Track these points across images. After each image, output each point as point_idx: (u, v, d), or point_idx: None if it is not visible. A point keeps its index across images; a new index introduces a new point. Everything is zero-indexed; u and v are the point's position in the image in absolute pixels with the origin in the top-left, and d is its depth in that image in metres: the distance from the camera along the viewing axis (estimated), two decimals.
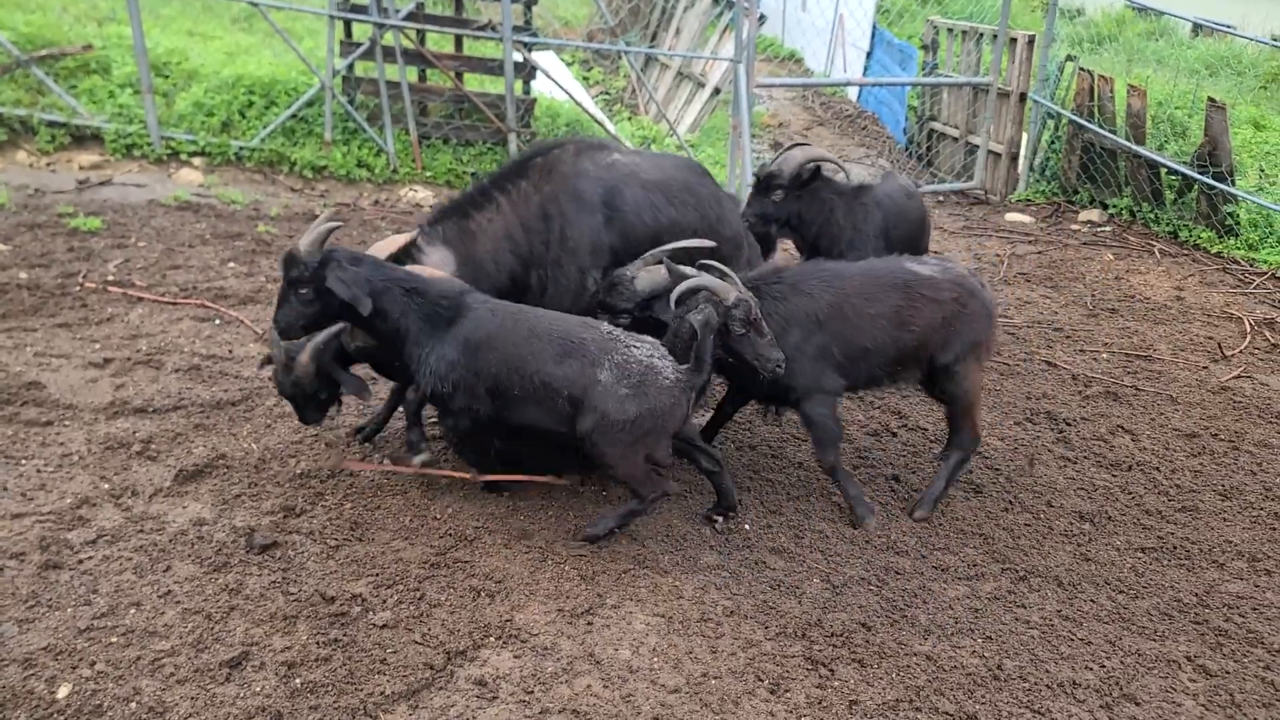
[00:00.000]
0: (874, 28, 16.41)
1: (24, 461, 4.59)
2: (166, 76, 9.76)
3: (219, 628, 3.74)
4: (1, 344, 5.58)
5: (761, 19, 10.69)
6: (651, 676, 3.78)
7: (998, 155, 11.63)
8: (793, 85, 15.61)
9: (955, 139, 12.43)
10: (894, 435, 5.99)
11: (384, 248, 4.63)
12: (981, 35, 11.79)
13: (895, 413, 6.26)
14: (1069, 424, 6.16)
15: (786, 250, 7.40)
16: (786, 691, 3.77)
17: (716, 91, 13.06)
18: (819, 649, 4.01)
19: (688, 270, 4.58)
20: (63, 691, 3.34)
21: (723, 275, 4.60)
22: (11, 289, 6.31)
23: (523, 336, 4.31)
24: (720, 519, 4.85)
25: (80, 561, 4.00)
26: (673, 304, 4.46)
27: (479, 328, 4.33)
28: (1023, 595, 4.48)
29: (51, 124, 8.91)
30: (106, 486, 4.51)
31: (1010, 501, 5.28)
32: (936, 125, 12.88)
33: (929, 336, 4.89)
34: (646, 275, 4.68)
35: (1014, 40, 11.17)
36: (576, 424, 4.26)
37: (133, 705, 3.34)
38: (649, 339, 4.42)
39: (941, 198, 11.74)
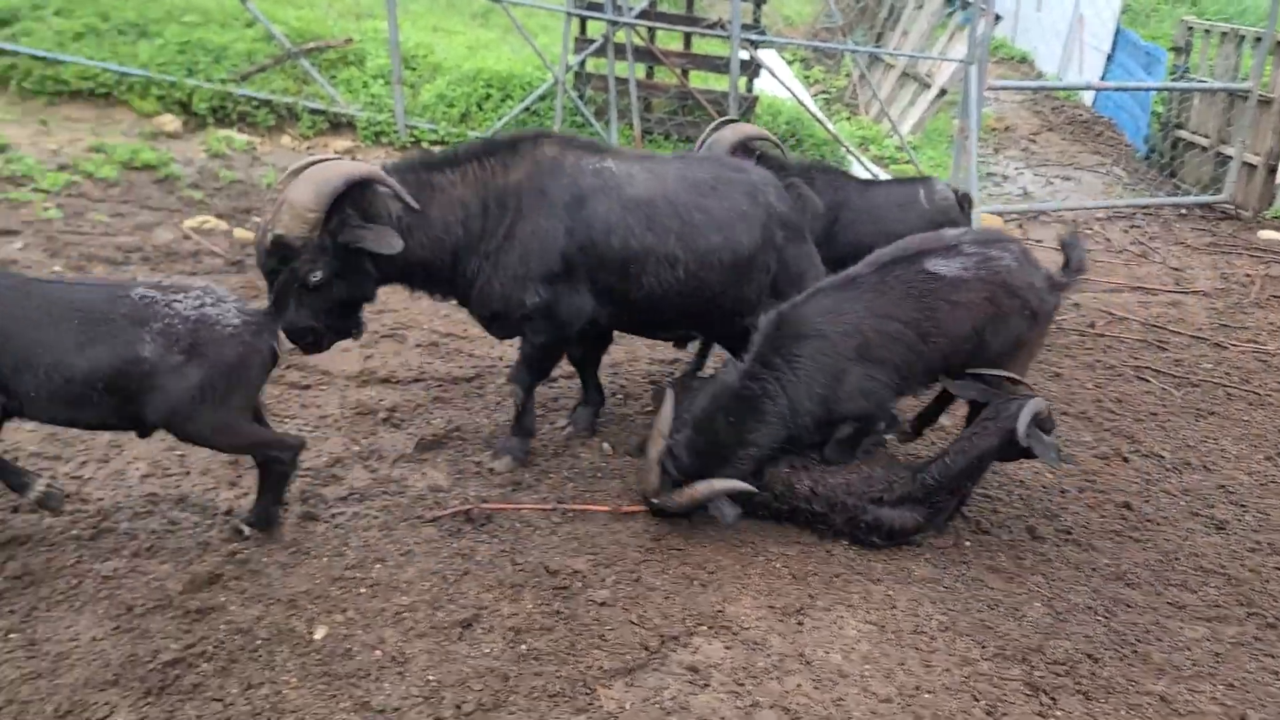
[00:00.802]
0: (1117, 28, 15.50)
1: (287, 420, 5.02)
2: (414, 69, 10.39)
3: (453, 589, 3.98)
4: None
5: (997, 19, 10.30)
6: (863, 683, 3.75)
7: (1253, 168, 10.76)
8: (1027, 88, 14.96)
9: (1204, 149, 11.59)
10: (1125, 460, 5.67)
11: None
12: (1243, 38, 10.94)
13: (1127, 437, 5.93)
14: None
15: None
16: (1004, 715, 3.66)
17: (942, 93, 12.70)
18: (1040, 676, 3.87)
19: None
20: (320, 633, 3.65)
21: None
22: None
23: (34, 320, 3.59)
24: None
25: (333, 515, 4.35)
26: None
27: None
28: (1271, 644, 4.17)
29: (313, 111, 9.66)
30: (356, 449, 4.87)
31: (1258, 543, 4.91)
32: (1184, 133, 12.05)
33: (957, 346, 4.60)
34: None
35: None
36: (142, 418, 3.74)
37: (377, 653, 3.61)
38: (198, 285, 3.93)
39: (1185, 210, 10.98)
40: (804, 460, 4.68)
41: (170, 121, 9.05)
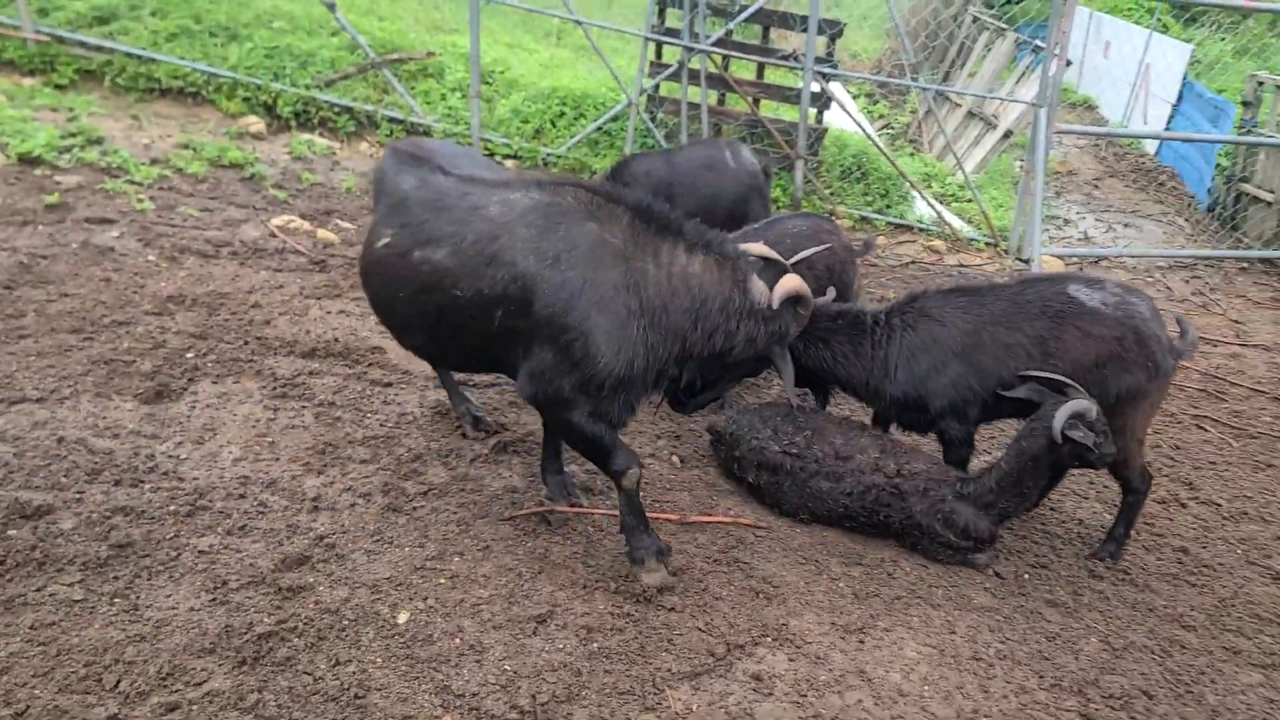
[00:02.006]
0: (1184, 79, 15.49)
1: (370, 415, 5.22)
2: (490, 84, 10.65)
3: (528, 585, 4.13)
4: (352, 311, 6.34)
5: (1068, 63, 10.37)
6: (921, 704, 3.84)
7: None
8: (1095, 134, 14.97)
9: (1269, 203, 11.54)
10: (1183, 506, 5.72)
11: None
12: None
13: (1185, 483, 5.97)
14: None
15: None
16: None
17: (1008, 134, 12.76)
18: (1096, 708, 3.94)
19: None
20: (403, 617, 3.82)
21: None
22: (357, 263, 7.14)
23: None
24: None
25: (415, 509, 4.52)
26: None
27: None
28: None
29: (391, 120, 9.94)
30: (435, 446, 5.05)
31: None
32: (1248, 187, 12.00)
33: (1077, 375, 4.72)
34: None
35: None
36: None
37: (456, 641, 3.76)
38: None
39: (1246, 265, 10.95)
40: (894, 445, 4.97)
41: (255, 123, 9.36)
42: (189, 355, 5.41)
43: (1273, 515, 5.71)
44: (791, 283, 4.28)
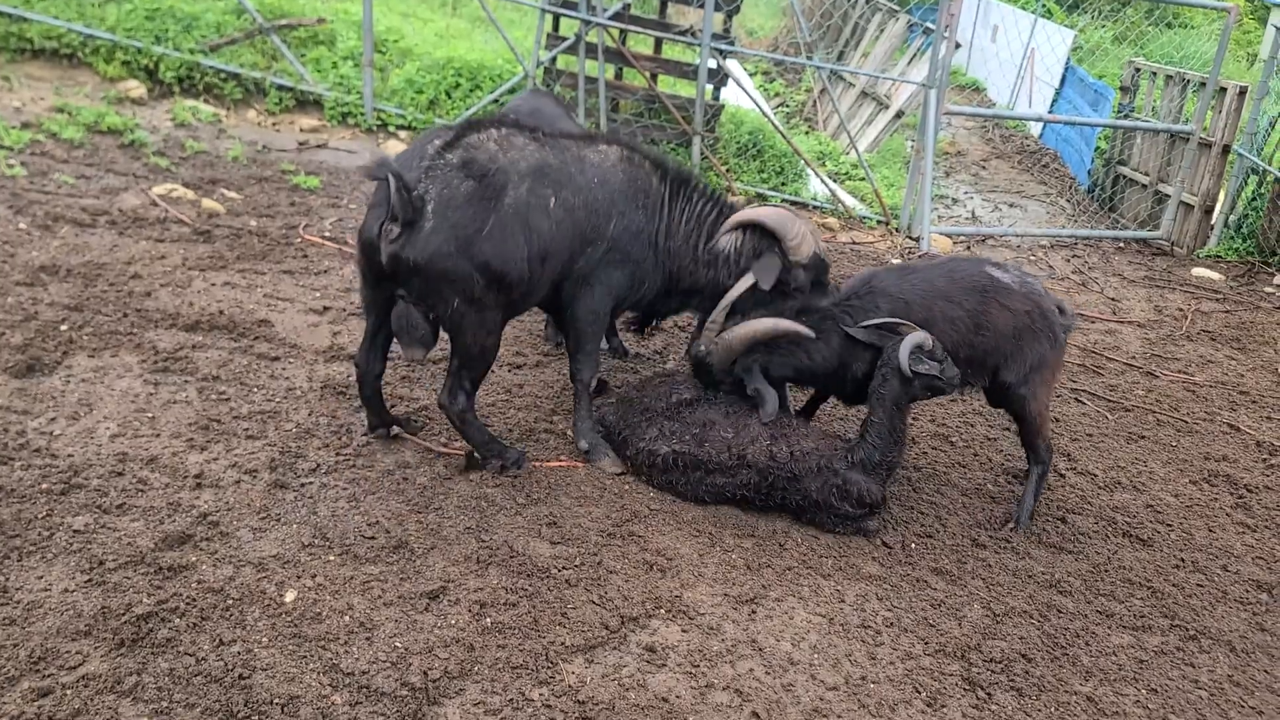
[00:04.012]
0: (1067, 64, 16.05)
1: (256, 390, 5.06)
2: (383, 53, 10.41)
3: (420, 561, 4.07)
4: (237, 283, 6.14)
5: (957, 46, 10.63)
6: (811, 671, 3.93)
7: (1190, 207, 11.25)
8: (982, 115, 15.40)
9: (1144, 186, 12.07)
10: (1062, 477, 5.95)
11: None
12: (1187, 82, 11.42)
13: (1065, 455, 6.22)
14: (1250, 490, 6.00)
15: None
16: (943, 707, 3.86)
17: (899, 115, 13.04)
18: (978, 672, 4.08)
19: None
20: (290, 596, 3.73)
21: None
22: (244, 234, 6.92)
23: None
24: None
25: (303, 485, 4.41)
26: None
27: None
28: (1192, 654, 4.44)
29: (281, 88, 9.63)
30: (324, 421, 4.93)
31: (1181, 560, 5.20)
32: (1125, 170, 12.53)
33: (1000, 344, 5.06)
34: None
35: (1223, 90, 10.80)
36: None
37: (346, 618, 3.69)
38: None
39: (1123, 244, 11.44)
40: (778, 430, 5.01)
41: (135, 88, 8.97)
42: (63, 328, 5.16)
43: (1144, 484, 5.99)
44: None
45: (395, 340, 4.60)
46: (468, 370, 4.60)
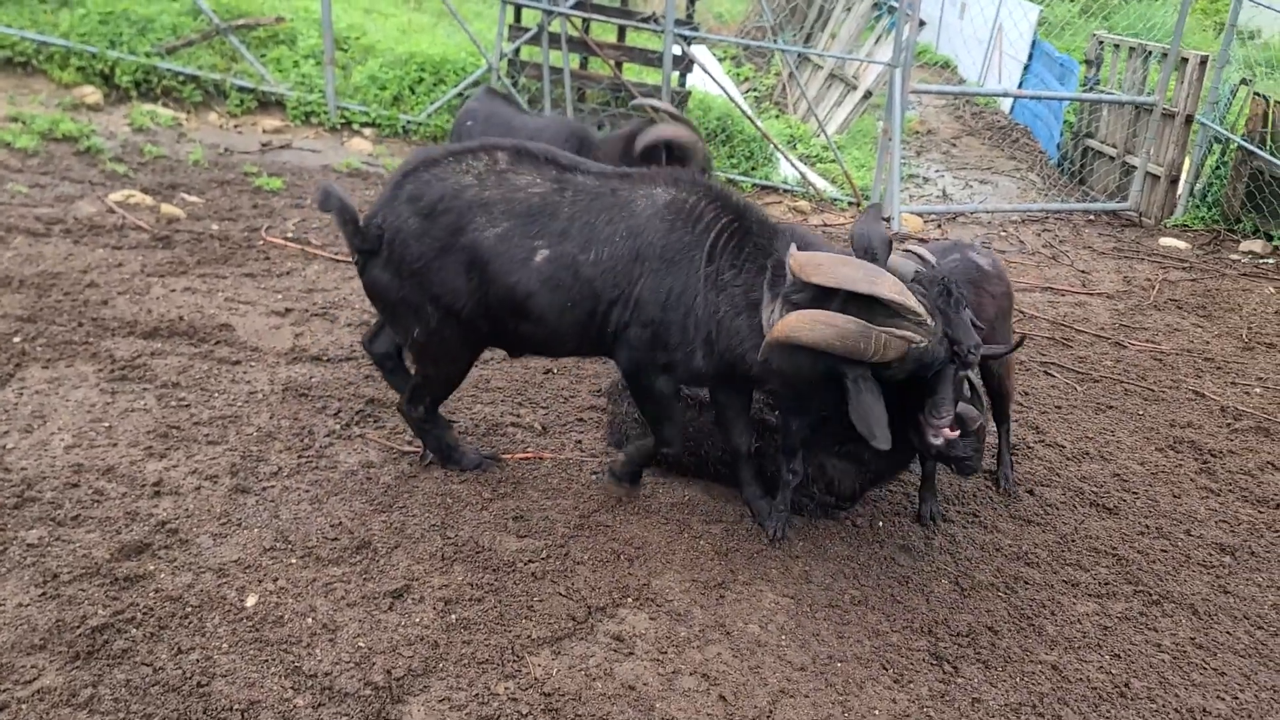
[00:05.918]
0: (1034, 39, 16.07)
1: (217, 395, 5.02)
2: (345, 50, 10.33)
3: (384, 561, 4.05)
4: (197, 288, 6.09)
5: (921, 24, 10.63)
6: (779, 652, 3.93)
7: (1156, 178, 11.30)
8: (949, 93, 15.42)
9: (1112, 158, 12.12)
10: (1030, 449, 5.97)
11: None
12: (1150, 53, 11.46)
13: (1033, 428, 6.24)
14: (1214, 455, 6.03)
15: None
16: (910, 682, 3.88)
17: (868, 95, 13.05)
18: (944, 646, 4.10)
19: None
20: (251, 600, 3.70)
21: None
22: (205, 238, 6.86)
23: None
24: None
25: (264, 489, 4.38)
26: None
27: None
28: (1154, 619, 4.47)
29: (241, 89, 9.55)
30: (286, 425, 4.90)
31: (1146, 526, 5.23)
32: (1093, 143, 12.58)
33: (988, 335, 4.99)
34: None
35: (1185, 60, 10.83)
36: None
37: (308, 621, 3.67)
38: None
39: (1093, 217, 11.48)
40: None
41: (91, 93, 8.88)
42: (15, 340, 5.11)
43: (1111, 454, 6.02)
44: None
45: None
46: (428, 391, 4.57)
